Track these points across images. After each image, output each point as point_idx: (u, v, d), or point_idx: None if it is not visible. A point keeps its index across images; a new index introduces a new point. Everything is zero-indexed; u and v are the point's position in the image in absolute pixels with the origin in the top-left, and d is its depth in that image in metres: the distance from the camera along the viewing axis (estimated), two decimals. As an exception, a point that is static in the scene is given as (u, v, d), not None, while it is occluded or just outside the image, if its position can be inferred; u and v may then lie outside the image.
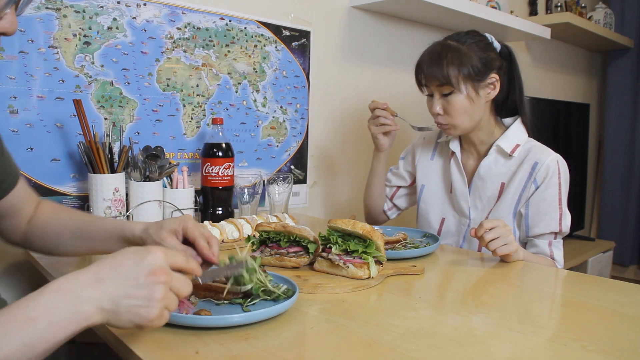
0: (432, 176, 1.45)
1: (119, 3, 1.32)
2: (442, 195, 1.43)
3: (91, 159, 1.19)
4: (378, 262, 0.94)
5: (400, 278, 0.96)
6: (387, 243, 1.11)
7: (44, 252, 0.96)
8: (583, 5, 3.08)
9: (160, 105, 1.43)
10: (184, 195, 1.31)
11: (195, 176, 1.48)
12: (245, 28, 1.58)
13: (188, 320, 0.68)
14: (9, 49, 1.17)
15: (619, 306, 0.83)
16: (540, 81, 3.01)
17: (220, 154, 1.37)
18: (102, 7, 1.30)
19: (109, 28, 1.32)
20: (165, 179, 1.31)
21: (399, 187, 1.55)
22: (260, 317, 0.70)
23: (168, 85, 1.44)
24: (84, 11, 1.27)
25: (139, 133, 1.39)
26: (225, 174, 1.38)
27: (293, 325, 0.71)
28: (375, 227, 0.95)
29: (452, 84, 1.22)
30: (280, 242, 0.98)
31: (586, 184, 3.32)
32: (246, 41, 1.59)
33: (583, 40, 3.18)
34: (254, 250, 1.01)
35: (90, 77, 1.30)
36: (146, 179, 1.27)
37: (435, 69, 1.23)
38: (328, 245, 0.95)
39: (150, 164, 1.27)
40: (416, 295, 0.88)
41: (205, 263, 0.76)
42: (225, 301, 0.75)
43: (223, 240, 1.18)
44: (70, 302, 0.54)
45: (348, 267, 0.92)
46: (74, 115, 1.23)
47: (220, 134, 1.39)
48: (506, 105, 1.35)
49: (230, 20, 1.55)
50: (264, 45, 1.64)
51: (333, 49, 1.86)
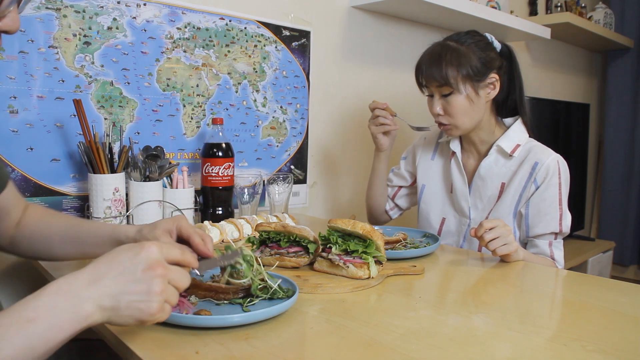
0: (433, 176, 1.45)
1: (119, 3, 1.32)
2: (443, 195, 1.43)
3: (91, 159, 1.19)
4: (378, 262, 0.94)
5: (400, 278, 0.96)
6: (387, 243, 1.11)
7: (32, 257, 0.93)
8: (583, 5, 3.08)
9: (160, 105, 1.43)
10: (184, 195, 1.31)
11: (195, 176, 1.48)
12: (245, 28, 1.58)
13: (188, 320, 0.68)
14: (9, 49, 1.17)
15: (619, 306, 0.83)
16: (540, 81, 3.01)
17: (220, 154, 1.37)
18: (102, 7, 1.30)
19: (109, 28, 1.32)
20: (165, 179, 1.31)
21: (400, 187, 1.55)
22: (260, 317, 0.70)
23: (168, 85, 1.44)
24: (84, 11, 1.27)
25: (139, 133, 1.39)
26: (225, 174, 1.38)
27: (293, 325, 0.71)
28: (375, 227, 0.95)
29: (452, 84, 1.22)
30: (280, 242, 0.98)
31: (586, 184, 3.32)
32: (246, 41, 1.59)
33: (583, 40, 3.18)
34: (253, 251, 1.01)
35: (90, 77, 1.30)
36: (146, 179, 1.27)
37: (435, 70, 1.23)
38: (328, 245, 0.95)
39: (150, 164, 1.27)
40: (416, 295, 0.88)
41: (201, 259, 0.76)
42: (225, 301, 0.75)
43: (223, 240, 1.18)
44: (70, 303, 0.54)
45: (348, 267, 0.92)
46: (74, 115, 1.23)
47: (220, 134, 1.39)
48: (506, 105, 1.35)
49: (230, 20, 1.55)
50: (264, 45, 1.64)
51: (333, 49, 1.86)
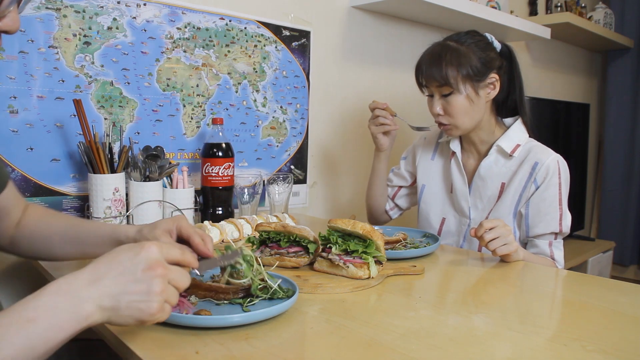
0: (433, 176, 1.45)
1: (119, 3, 1.32)
2: (443, 195, 1.43)
3: (91, 159, 1.19)
4: (378, 262, 0.94)
5: (400, 278, 0.96)
6: (387, 243, 1.11)
7: (32, 257, 0.93)
8: (583, 5, 3.08)
9: (160, 105, 1.43)
10: (184, 195, 1.31)
11: (195, 176, 1.48)
12: (245, 28, 1.58)
13: (188, 320, 0.68)
14: (9, 49, 1.17)
15: (619, 306, 0.83)
16: (540, 81, 3.01)
17: (220, 154, 1.37)
18: (102, 7, 1.30)
19: (109, 28, 1.32)
20: (165, 179, 1.31)
21: (400, 187, 1.55)
22: (260, 317, 0.70)
23: (168, 85, 1.44)
24: (84, 11, 1.27)
25: (139, 133, 1.39)
26: (225, 174, 1.38)
27: (293, 325, 0.71)
28: (375, 227, 0.95)
29: (451, 84, 1.22)
30: (280, 242, 0.98)
31: (586, 184, 3.32)
32: (246, 41, 1.59)
33: (583, 40, 3.18)
34: (253, 251, 1.01)
35: (90, 77, 1.30)
36: (146, 179, 1.27)
37: (434, 70, 1.23)
38: (328, 245, 0.95)
39: (150, 164, 1.27)
40: (416, 295, 0.88)
41: (201, 259, 0.76)
42: (225, 301, 0.75)
43: (223, 240, 1.18)
44: (70, 303, 0.54)
45: (348, 267, 0.92)
46: (74, 115, 1.23)
47: (220, 134, 1.39)
48: (506, 105, 1.35)
49: (230, 20, 1.55)
50: (264, 45, 1.64)
51: (333, 49, 1.86)
